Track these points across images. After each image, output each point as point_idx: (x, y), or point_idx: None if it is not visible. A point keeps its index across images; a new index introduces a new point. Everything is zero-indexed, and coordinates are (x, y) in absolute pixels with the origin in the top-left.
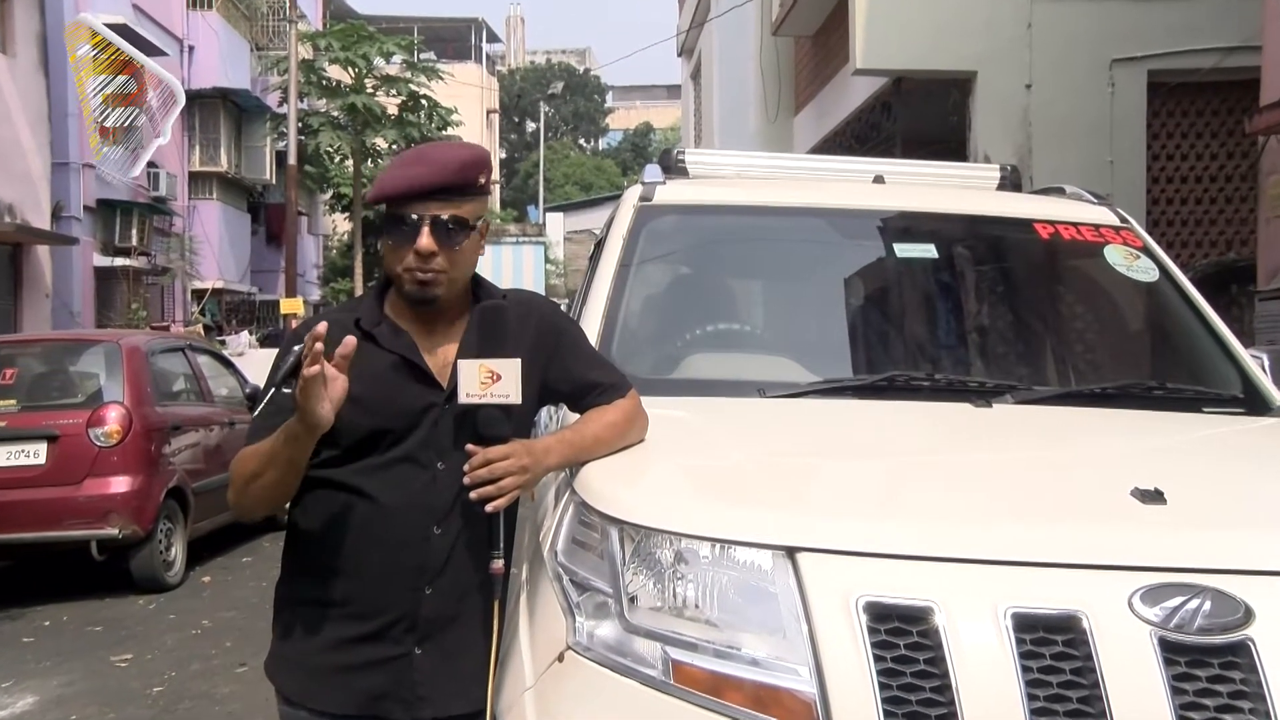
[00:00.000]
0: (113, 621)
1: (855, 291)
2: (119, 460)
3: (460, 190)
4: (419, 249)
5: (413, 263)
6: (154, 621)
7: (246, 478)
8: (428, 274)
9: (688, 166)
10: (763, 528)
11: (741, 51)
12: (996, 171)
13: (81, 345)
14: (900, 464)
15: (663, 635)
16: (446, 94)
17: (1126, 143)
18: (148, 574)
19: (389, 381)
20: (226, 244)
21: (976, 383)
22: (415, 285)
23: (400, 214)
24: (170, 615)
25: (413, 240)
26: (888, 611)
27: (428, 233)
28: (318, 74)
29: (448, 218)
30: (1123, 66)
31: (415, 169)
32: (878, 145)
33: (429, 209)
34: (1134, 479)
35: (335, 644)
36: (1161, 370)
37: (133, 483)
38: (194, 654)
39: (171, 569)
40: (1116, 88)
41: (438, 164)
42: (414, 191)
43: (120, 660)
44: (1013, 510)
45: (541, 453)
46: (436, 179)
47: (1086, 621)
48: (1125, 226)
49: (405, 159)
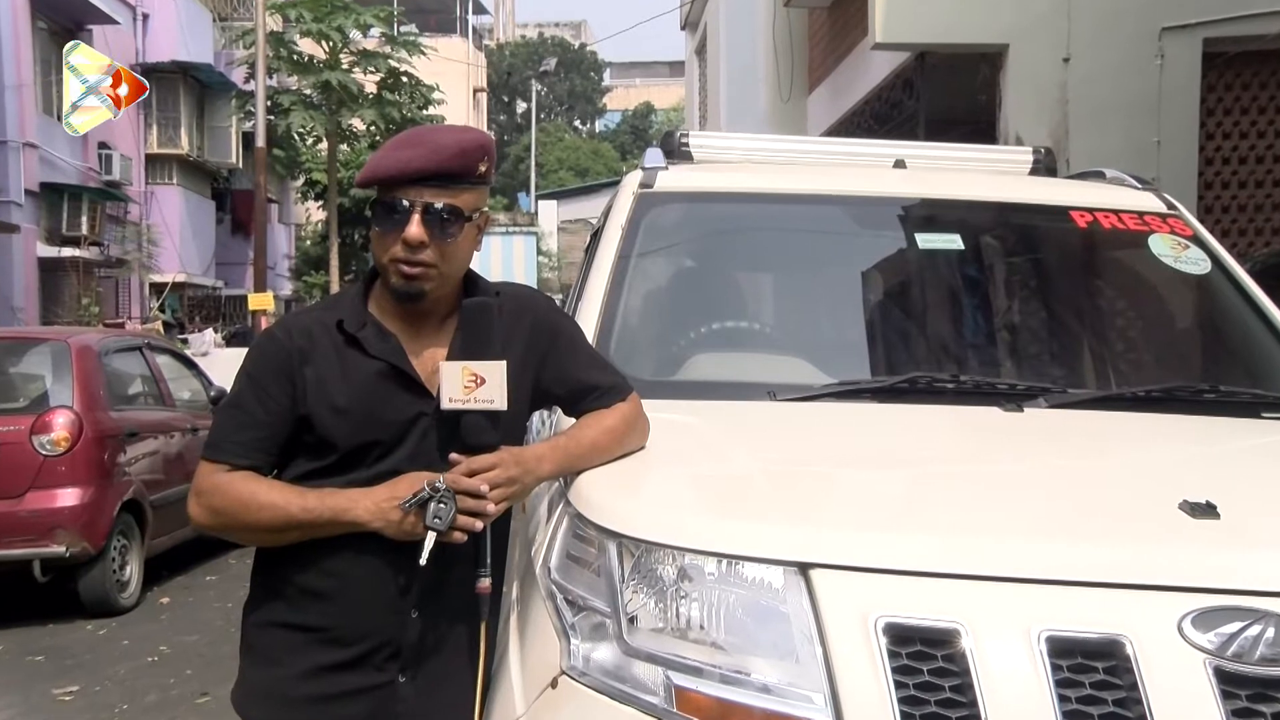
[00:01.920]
0: (57, 650)
1: (874, 286)
2: (67, 470)
3: (457, 177)
4: (408, 238)
5: (400, 253)
6: (104, 649)
7: (252, 528)
8: (415, 267)
9: (692, 150)
10: (773, 542)
11: (750, 25)
12: (1029, 154)
13: (25, 344)
14: (923, 473)
15: (665, 659)
16: (429, 70)
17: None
18: (98, 596)
19: (375, 390)
20: (188, 233)
21: (1006, 385)
22: (401, 279)
23: (390, 199)
24: (123, 641)
25: (401, 228)
26: (910, 633)
27: (418, 221)
28: (288, 48)
29: (441, 206)
30: (1174, 35)
31: (409, 151)
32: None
33: (421, 195)
34: (1183, 490)
35: (312, 672)
36: (1214, 371)
37: (82, 495)
38: (150, 684)
39: (125, 590)
40: (1166, 59)
41: (434, 147)
42: (406, 175)
43: (64, 693)
44: (1047, 524)
45: (533, 461)
46: (431, 163)
47: (1130, 647)
48: (1173, 213)
49: (400, 140)
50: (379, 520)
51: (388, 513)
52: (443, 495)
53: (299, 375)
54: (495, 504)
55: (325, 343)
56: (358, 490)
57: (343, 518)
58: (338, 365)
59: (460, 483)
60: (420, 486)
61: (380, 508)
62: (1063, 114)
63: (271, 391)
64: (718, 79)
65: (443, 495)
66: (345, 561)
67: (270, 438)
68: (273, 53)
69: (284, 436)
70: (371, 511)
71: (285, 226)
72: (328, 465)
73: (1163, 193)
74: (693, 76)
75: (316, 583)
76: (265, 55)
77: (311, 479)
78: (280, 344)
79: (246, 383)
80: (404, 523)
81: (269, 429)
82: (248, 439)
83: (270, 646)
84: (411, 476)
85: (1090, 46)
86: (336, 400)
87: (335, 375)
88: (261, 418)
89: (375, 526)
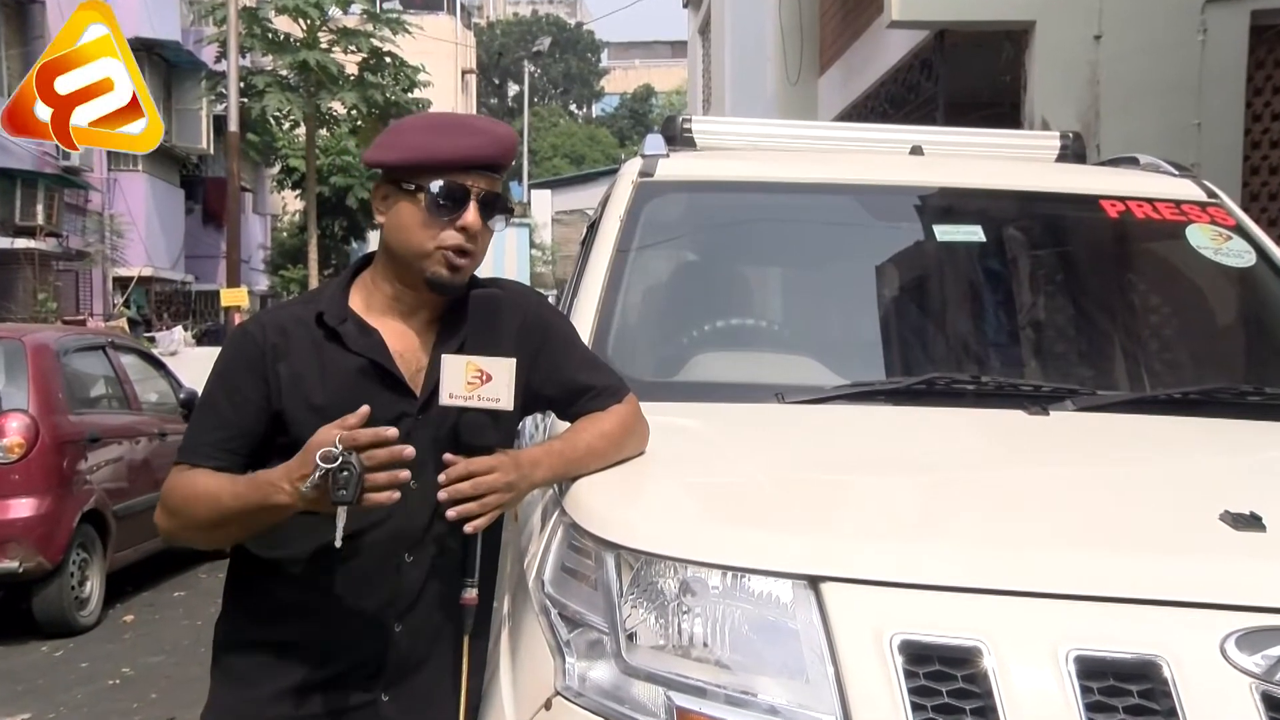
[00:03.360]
0: (7, 674)
1: (889, 281)
2: (21, 479)
3: (503, 169)
4: (466, 225)
5: (454, 240)
6: (60, 671)
7: (195, 524)
8: (465, 257)
9: (695, 136)
10: (782, 554)
11: (757, 2)
12: (1056, 140)
13: None
14: (941, 481)
15: (666, 678)
16: (415, 50)
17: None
18: (54, 615)
19: (356, 388)
20: (155, 224)
21: (1031, 386)
22: (447, 269)
23: (452, 184)
24: (81, 663)
25: (459, 215)
26: (928, 652)
27: (475, 209)
28: (262, 25)
29: (495, 196)
30: (1218, 8)
31: (470, 138)
32: (916, 110)
33: (479, 183)
34: (1225, 501)
35: (290, 692)
36: (1258, 372)
37: (38, 506)
38: (110, 709)
39: (85, 607)
40: (1209, 34)
41: (493, 135)
42: (474, 161)
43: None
44: (1075, 535)
45: (529, 466)
46: (495, 151)
47: (1168, 669)
48: (1213, 202)
49: (446, 125)
50: (300, 501)
51: (303, 491)
52: (343, 464)
53: (272, 372)
54: (491, 510)
55: (302, 338)
56: (278, 468)
57: (268, 502)
58: (315, 362)
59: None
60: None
61: (295, 487)
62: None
63: (244, 390)
64: (722, 60)
65: (343, 464)
66: (323, 572)
67: (240, 437)
68: (246, 30)
69: (257, 437)
70: (290, 493)
71: (260, 217)
72: None
73: (1202, 180)
74: (696, 57)
75: (293, 596)
76: (238, 32)
77: None
78: (253, 340)
79: (217, 382)
80: (316, 500)
81: (239, 428)
82: (218, 439)
83: (242, 665)
84: (312, 442)
85: (1124, 22)
86: (313, 398)
87: (312, 372)
88: (232, 417)
89: (301, 507)
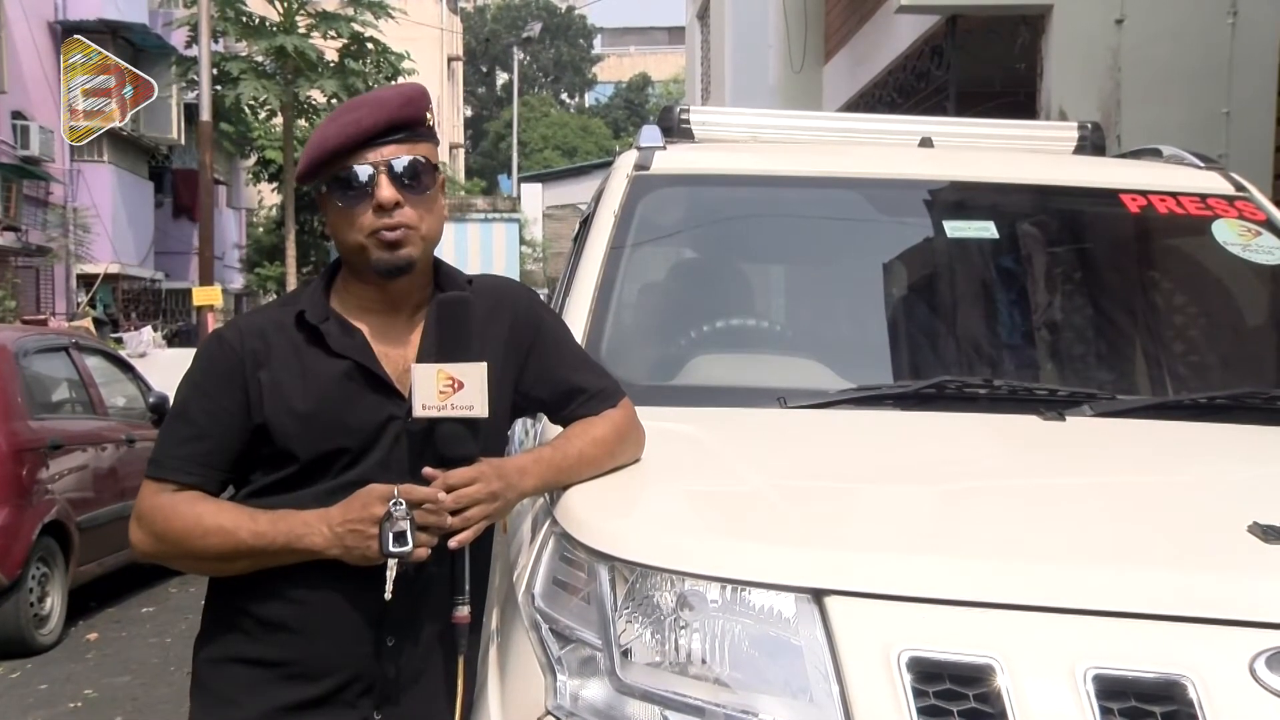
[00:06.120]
0: None
1: (897, 279)
2: None
3: (411, 128)
4: (381, 201)
5: (373, 221)
6: (16, 694)
7: (197, 555)
8: (396, 230)
9: (693, 127)
10: (784, 566)
11: None
12: (1074, 130)
13: None
14: (952, 490)
15: (662, 697)
16: (398, 36)
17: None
18: (11, 633)
19: (339, 392)
20: (122, 218)
21: (1046, 391)
22: (384, 250)
23: (346, 171)
24: (40, 685)
25: (369, 196)
26: (937, 669)
27: (387, 182)
28: (236, 8)
29: (407, 160)
30: None
31: (351, 114)
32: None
33: (380, 155)
34: (1253, 512)
35: (273, 713)
36: None
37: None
38: None
39: (45, 625)
40: (1240, 16)
41: (377, 103)
42: (359, 138)
43: None
44: (1094, 548)
45: (515, 475)
46: (381, 117)
47: (1194, 690)
48: (1242, 195)
49: (335, 114)
50: (336, 547)
51: (344, 538)
52: (398, 517)
53: (252, 381)
54: (475, 523)
55: (282, 343)
56: (313, 512)
57: (297, 545)
58: (296, 366)
59: (414, 493)
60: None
61: (336, 533)
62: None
63: (221, 401)
64: (722, 47)
65: (398, 517)
66: (310, 587)
67: (219, 451)
68: (218, 13)
69: (236, 450)
70: (328, 538)
71: (235, 211)
72: (288, 477)
73: (1230, 172)
74: (694, 44)
75: (278, 611)
76: (210, 15)
77: (272, 493)
78: (230, 347)
79: (192, 392)
80: (366, 550)
81: (217, 442)
82: (193, 453)
83: (225, 685)
84: (367, 492)
85: (1148, 4)
86: (296, 404)
87: (294, 377)
88: (208, 430)
89: (333, 554)
